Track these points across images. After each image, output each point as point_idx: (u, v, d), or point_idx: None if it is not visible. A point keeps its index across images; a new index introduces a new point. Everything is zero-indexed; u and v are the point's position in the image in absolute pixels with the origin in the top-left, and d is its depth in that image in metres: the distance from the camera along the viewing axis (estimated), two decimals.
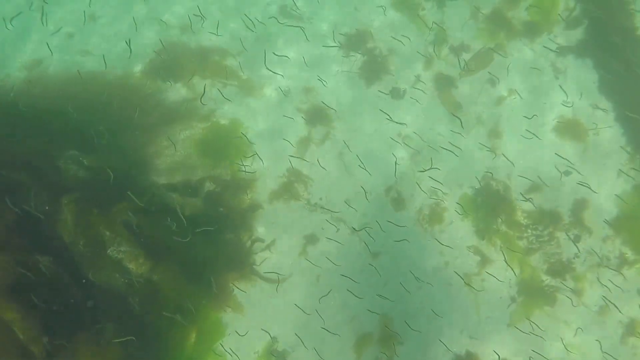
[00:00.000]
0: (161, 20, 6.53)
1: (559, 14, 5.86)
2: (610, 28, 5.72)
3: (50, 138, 5.43)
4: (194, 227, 5.33)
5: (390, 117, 5.71)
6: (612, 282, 4.80)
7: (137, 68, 6.35)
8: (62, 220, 4.53)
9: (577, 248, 5.00)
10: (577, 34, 5.80)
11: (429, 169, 5.43)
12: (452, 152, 5.51)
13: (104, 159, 5.49)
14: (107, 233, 4.50)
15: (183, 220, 5.10)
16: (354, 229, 5.34)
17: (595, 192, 5.17)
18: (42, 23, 6.90)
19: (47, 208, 4.79)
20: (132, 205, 4.70)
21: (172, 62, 6.37)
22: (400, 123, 5.68)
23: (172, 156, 5.88)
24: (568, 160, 5.31)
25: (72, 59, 6.63)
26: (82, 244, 4.47)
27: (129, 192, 4.77)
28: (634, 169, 5.20)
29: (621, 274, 4.86)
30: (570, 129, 5.43)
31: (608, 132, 5.37)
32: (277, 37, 6.25)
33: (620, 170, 5.22)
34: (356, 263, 5.22)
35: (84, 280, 4.36)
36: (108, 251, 4.51)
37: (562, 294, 4.84)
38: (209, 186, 5.76)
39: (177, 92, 6.21)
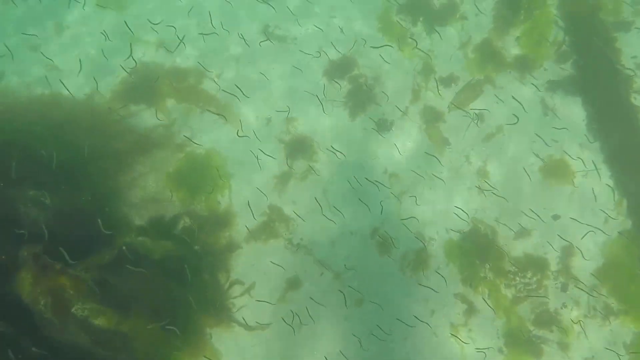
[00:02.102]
0: (134, 36, 6.06)
1: (550, 42, 5.72)
2: (598, 64, 5.60)
3: (8, 173, 4.95)
4: (167, 271, 5.02)
5: (376, 152, 5.48)
6: (598, 334, 4.76)
7: (107, 88, 5.89)
8: (20, 277, 4.13)
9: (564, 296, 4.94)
10: (566, 68, 5.65)
11: (413, 211, 5.26)
12: (440, 192, 5.33)
13: (69, 197, 5.08)
14: (72, 292, 4.14)
15: (155, 265, 4.79)
16: (338, 273, 5.13)
17: (580, 238, 5.10)
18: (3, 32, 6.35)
19: (3, 257, 4.39)
20: (99, 259, 4.34)
21: (145, 84, 5.93)
22: (386, 158, 5.46)
23: (145, 189, 5.49)
24: (555, 204, 5.21)
25: (37, 73, 6.09)
26: (43, 304, 4.09)
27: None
28: (620, 214, 5.14)
29: (607, 325, 4.81)
30: (558, 170, 5.31)
31: (595, 174, 5.27)
32: (259, 60, 5.89)
33: (607, 216, 5.14)
34: (340, 310, 5.01)
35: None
36: (73, 309, 4.16)
37: (549, 346, 4.76)
38: (184, 222, 5.42)
39: (150, 117, 5.80)
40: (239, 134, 5.57)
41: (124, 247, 4.75)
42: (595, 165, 5.28)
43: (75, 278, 4.33)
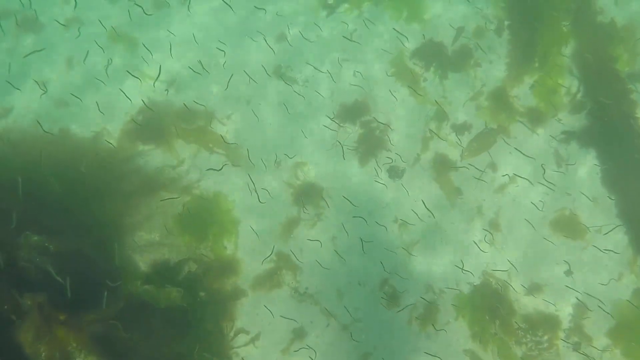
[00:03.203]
0: (144, 73, 6.03)
1: (565, 93, 5.66)
2: (614, 115, 5.53)
3: (9, 214, 4.84)
4: (171, 321, 4.94)
5: (386, 200, 5.41)
6: None
7: (116, 126, 5.85)
8: (23, 327, 4.06)
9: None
10: (581, 119, 5.58)
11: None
12: (450, 244, 5.24)
13: (74, 241, 5.02)
14: (74, 344, 4.06)
15: (159, 314, 4.71)
16: (345, 325, 5.03)
17: (594, 296, 4.98)
18: (11, 66, 6.34)
19: (5, 307, 4.32)
20: (103, 312, 4.26)
21: (154, 123, 5.90)
22: (397, 207, 5.38)
23: (151, 232, 5.43)
24: (568, 259, 5.11)
25: (45, 109, 6.06)
26: (45, 356, 4.01)
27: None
28: (634, 272, 5.03)
29: None
30: (570, 224, 5.22)
31: (609, 230, 5.17)
32: (270, 102, 5.84)
33: (621, 272, 5.04)
34: None
35: None
36: None
37: None
38: (189, 267, 5.34)
39: (158, 157, 5.75)
40: (249, 177, 5.52)
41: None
42: (609, 220, 5.19)
43: (78, 330, 4.25)
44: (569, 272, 5.08)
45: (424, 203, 5.34)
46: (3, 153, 5.70)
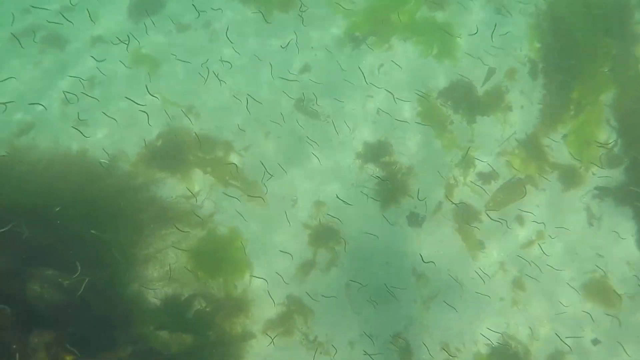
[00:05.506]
0: (166, 97, 5.94)
1: (600, 146, 5.35)
2: None
3: (22, 246, 4.79)
4: None
5: (405, 249, 5.20)
6: None
7: (134, 150, 5.78)
8: None
9: None
10: (617, 175, 5.28)
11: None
12: (470, 301, 5.00)
13: (85, 274, 4.94)
14: None
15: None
16: None
17: None
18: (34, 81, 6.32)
19: (14, 347, 4.25)
20: (114, 355, 4.17)
21: (171, 149, 5.79)
22: (415, 257, 5.17)
23: (162, 265, 5.33)
24: (595, 327, 4.83)
25: (65, 129, 6.01)
26: None
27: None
28: None
29: None
30: (601, 289, 4.93)
31: None
32: (289, 136, 5.68)
33: None
34: None
35: None
36: None
37: None
38: (199, 304, 5.23)
39: (173, 186, 5.65)
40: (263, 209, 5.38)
41: None
42: None
43: None
44: (596, 341, 4.80)
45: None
46: (20, 175, 5.68)
